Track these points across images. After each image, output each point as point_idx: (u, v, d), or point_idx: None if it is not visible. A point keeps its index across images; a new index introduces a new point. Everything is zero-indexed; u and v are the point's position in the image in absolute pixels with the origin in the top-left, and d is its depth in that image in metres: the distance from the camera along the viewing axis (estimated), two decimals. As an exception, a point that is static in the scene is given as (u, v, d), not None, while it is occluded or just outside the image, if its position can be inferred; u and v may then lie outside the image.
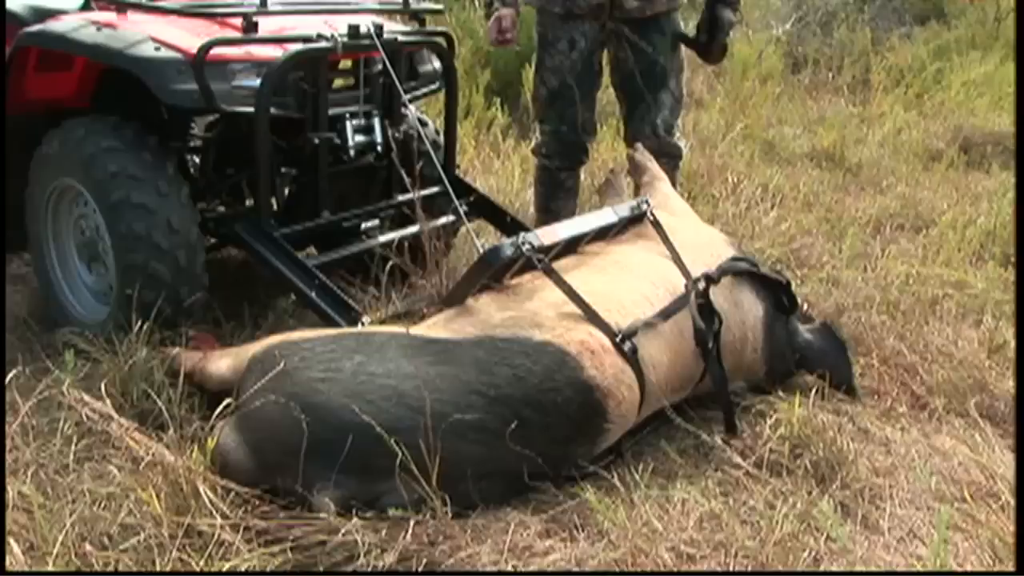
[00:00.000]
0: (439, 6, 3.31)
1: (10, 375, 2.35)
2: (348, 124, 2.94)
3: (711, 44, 3.52)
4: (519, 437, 2.08)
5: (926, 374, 2.84)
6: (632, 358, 2.29)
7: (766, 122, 6.24)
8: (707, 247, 2.78)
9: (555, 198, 3.66)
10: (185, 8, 2.73)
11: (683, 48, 3.59)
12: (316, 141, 2.86)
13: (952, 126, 6.27)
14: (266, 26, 2.77)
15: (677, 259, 2.61)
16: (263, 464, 2.05)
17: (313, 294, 2.65)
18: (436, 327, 2.35)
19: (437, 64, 3.31)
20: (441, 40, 3.31)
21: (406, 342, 2.20)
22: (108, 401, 2.27)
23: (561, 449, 2.20)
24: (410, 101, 3.21)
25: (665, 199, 3.04)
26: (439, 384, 2.08)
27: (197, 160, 3.22)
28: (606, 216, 2.75)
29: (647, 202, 2.82)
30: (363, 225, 3.07)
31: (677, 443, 2.43)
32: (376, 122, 3.02)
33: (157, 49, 2.62)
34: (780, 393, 2.61)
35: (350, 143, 2.94)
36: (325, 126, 2.87)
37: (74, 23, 2.76)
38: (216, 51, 2.61)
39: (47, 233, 2.97)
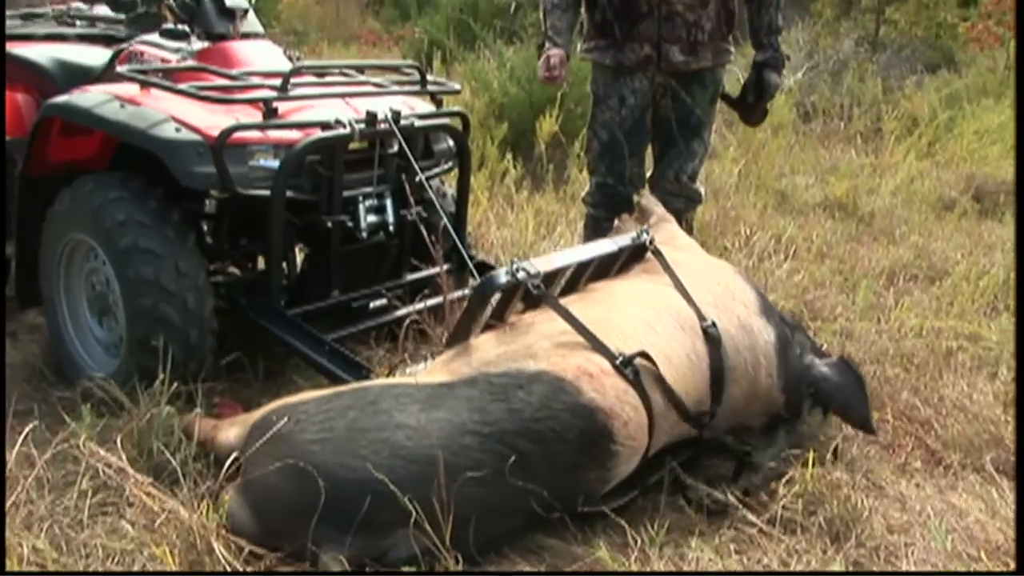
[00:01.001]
0: (456, 87, 3.36)
1: (27, 428, 2.35)
2: (361, 206, 2.97)
3: (756, 106, 3.60)
4: (520, 471, 2.06)
5: (941, 428, 2.83)
6: (634, 380, 2.26)
7: (778, 172, 6.27)
8: (713, 276, 2.77)
9: None
10: (208, 94, 2.75)
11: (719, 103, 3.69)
12: (329, 224, 2.89)
13: (964, 175, 6.29)
14: (284, 104, 2.81)
15: (681, 287, 2.60)
16: (267, 529, 2.06)
17: (324, 360, 2.68)
18: (435, 371, 2.34)
19: (452, 142, 3.34)
20: (456, 122, 3.36)
21: (399, 392, 2.18)
22: (123, 455, 2.27)
23: (569, 478, 2.16)
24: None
25: (671, 236, 3.05)
26: (430, 429, 2.06)
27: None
28: (606, 246, 2.77)
29: (647, 231, 2.83)
30: (371, 304, 3.08)
31: (691, 499, 2.42)
32: (388, 202, 3.05)
33: (178, 130, 2.65)
34: (793, 450, 2.60)
35: (363, 224, 2.97)
36: (339, 209, 2.90)
37: (98, 97, 2.81)
38: (236, 134, 2.66)
39: (59, 288, 3.02)
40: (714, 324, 2.49)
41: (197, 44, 3.19)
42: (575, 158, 5.58)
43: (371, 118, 2.87)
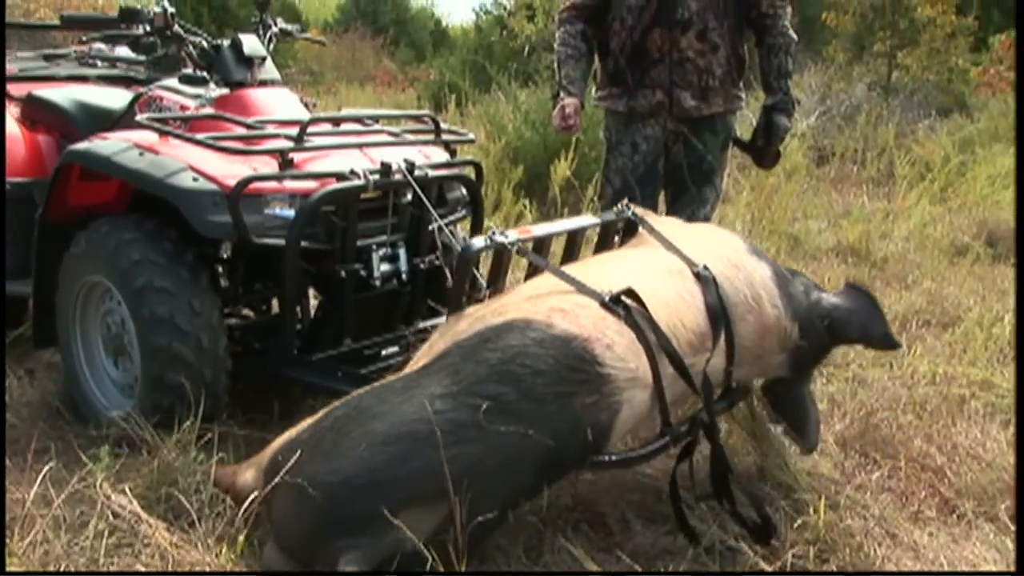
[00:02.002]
0: (471, 136, 3.41)
1: (45, 468, 2.38)
2: (375, 255, 2.99)
3: (766, 149, 3.63)
4: (499, 416, 2.00)
5: (955, 476, 2.82)
6: (618, 311, 2.23)
7: (791, 216, 6.29)
8: (699, 230, 2.81)
9: None
10: (225, 145, 2.80)
11: (731, 148, 3.72)
12: (343, 273, 2.92)
13: (977, 220, 6.30)
14: (300, 154, 2.86)
15: (667, 243, 2.60)
16: (296, 558, 2.05)
17: (339, 384, 2.70)
18: (420, 359, 2.31)
19: (465, 191, 3.38)
20: (470, 171, 3.40)
21: (380, 388, 2.17)
22: (136, 503, 2.28)
23: (558, 408, 2.07)
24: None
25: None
26: (403, 409, 2.03)
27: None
28: (587, 220, 2.86)
29: (628, 206, 2.87)
30: (383, 352, 3.10)
31: (703, 544, 2.41)
32: (402, 251, 3.08)
33: (195, 179, 2.70)
34: (805, 496, 2.60)
35: (376, 273, 2.99)
36: (353, 258, 2.93)
37: (118, 145, 2.86)
38: (252, 184, 2.70)
39: (75, 330, 3.06)
40: (705, 267, 2.49)
41: (215, 91, 3.25)
42: (588, 202, 5.62)
43: (385, 169, 2.91)
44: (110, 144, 2.89)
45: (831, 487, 2.72)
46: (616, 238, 2.99)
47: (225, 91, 3.21)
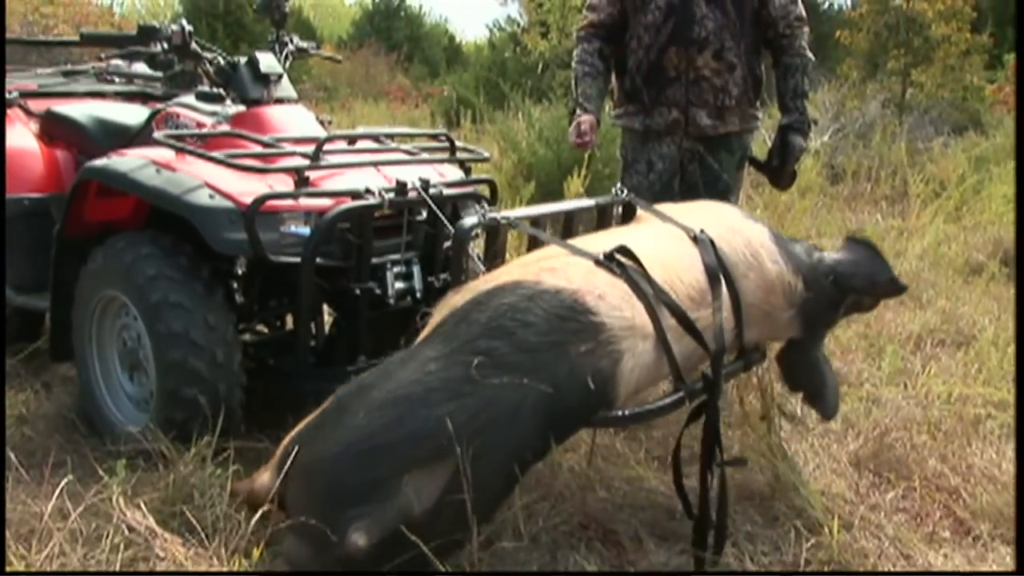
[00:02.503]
0: (486, 154, 3.42)
1: (62, 483, 2.40)
2: (389, 272, 3.00)
3: (782, 169, 3.63)
4: (492, 369, 2.00)
5: (970, 497, 2.81)
6: (610, 266, 2.26)
7: (805, 234, 6.27)
8: (694, 205, 2.87)
9: None
10: (241, 163, 2.83)
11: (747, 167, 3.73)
12: (358, 291, 2.93)
13: (992, 238, 6.27)
14: (315, 172, 2.88)
15: (663, 216, 2.65)
16: (313, 542, 2.03)
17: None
18: (422, 335, 2.33)
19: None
20: (484, 189, 3.42)
21: (382, 366, 2.19)
22: (151, 517, 2.30)
23: (554, 357, 2.07)
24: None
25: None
26: (398, 375, 2.06)
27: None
28: (583, 202, 2.92)
29: (622, 189, 2.94)
30: None
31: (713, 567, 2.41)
32: (416, 269, 3.09)
33: (211, 196, 2.72)
34: (818, 515, 2.59)
35: (390, 291, 3.01)
36: (368, 276, 2.94)
37: (135, 162, 2.88)
38: (268, 202, 2.72)
39: (91, 344, 3.08)
40: (702, 231, 2.52)
41: (232, 108, 3.27)
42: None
43: (400, 187, 2.92)
44: (128, 161, 2.91)
45: (845, 507, 2.71)
46: (613, 223, 3.02)
47: (241, 108, 3.24)
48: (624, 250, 2.31)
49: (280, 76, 3.31)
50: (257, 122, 3.16)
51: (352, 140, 3.30)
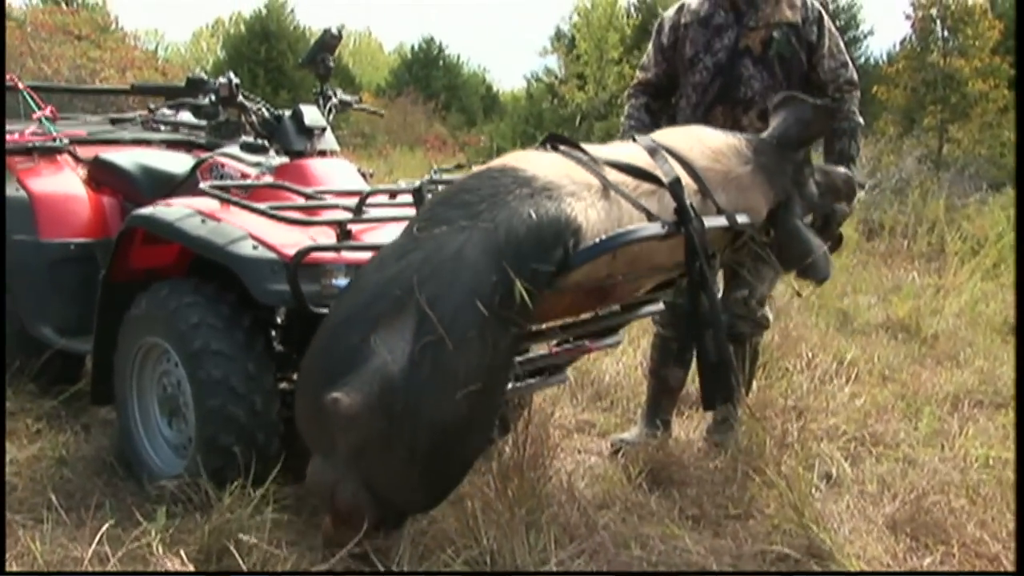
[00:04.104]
0: None
1: (103, 528, 2.42)
2: None
3: (825, 232, 3.61)
4: (435, 224, 2.26)
5: (1011, 565, 2.76)
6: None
7: (841, 291, 6.25)
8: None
9: (665, 365, 3.73)
10: (285, 215, 2.87)
11: None
12: None
13: (1031, 298, 6.20)
14: (357, 224, 2.92)
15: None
16: (320, 447, 2.27)
17: None
18: None
19: None
20: None
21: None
22: (191, 565, 2.31)
23: (488, 206, 2.26)
24: None
25: None
26: (367, 267, 2.37)
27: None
28: None
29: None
30: None
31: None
32: None
33: (255, 247, 2.76)
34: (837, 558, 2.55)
35: None
36: None
37: (180, 212, 2.93)
38: (311, 254, 2.75)
39: (132, 389, 3.11)
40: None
41: (276, 159, 3.33)
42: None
43: None
44: (173, 211, 2.97)
45: (882, 571, 2.67)
46: None
47: (285, 160, 3.30)
48: (561, 138, 2.62)
49: (324, 129, 3.37)
50: (300, 174, 3.22)
51: (394, 194, 3.35)
